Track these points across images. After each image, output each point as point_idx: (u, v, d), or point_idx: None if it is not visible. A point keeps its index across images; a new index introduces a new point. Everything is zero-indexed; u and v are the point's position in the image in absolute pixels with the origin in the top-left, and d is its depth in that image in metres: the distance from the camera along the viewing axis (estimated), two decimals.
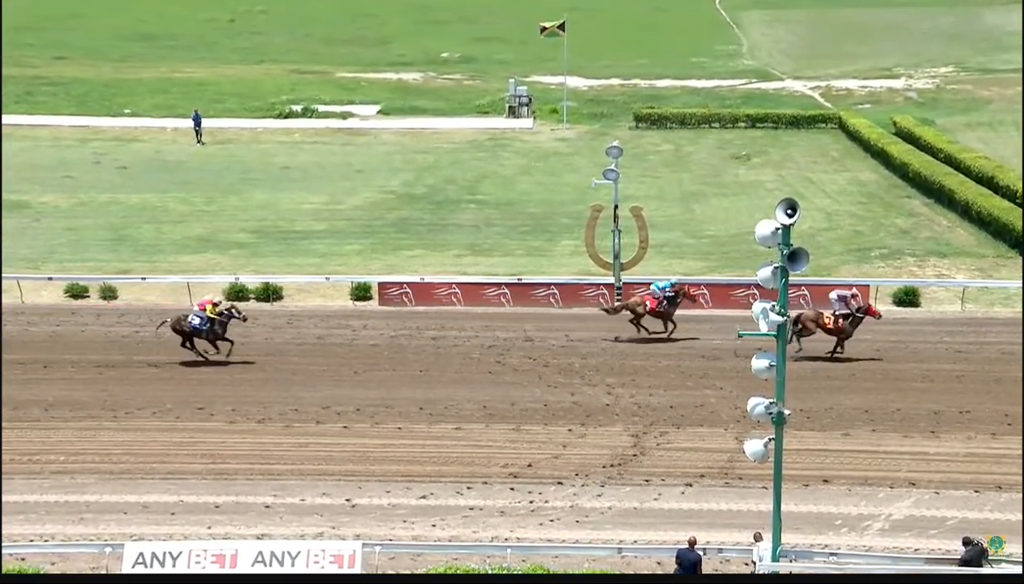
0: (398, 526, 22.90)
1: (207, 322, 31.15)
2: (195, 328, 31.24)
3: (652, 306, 32.90)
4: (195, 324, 31.19)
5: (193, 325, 31.21)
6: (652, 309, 32.91)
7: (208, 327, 31.21)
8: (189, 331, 31.26)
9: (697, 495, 24.04)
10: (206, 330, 31.23)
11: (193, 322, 31.20)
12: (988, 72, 77.96)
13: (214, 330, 31.27)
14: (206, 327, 31.20)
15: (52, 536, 22.47)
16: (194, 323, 31.19)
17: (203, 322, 31.15)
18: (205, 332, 31.26)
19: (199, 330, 31.24)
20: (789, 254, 17.94)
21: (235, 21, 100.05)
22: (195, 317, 31.23)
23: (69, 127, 64.23)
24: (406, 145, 61.15)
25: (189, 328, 31.25)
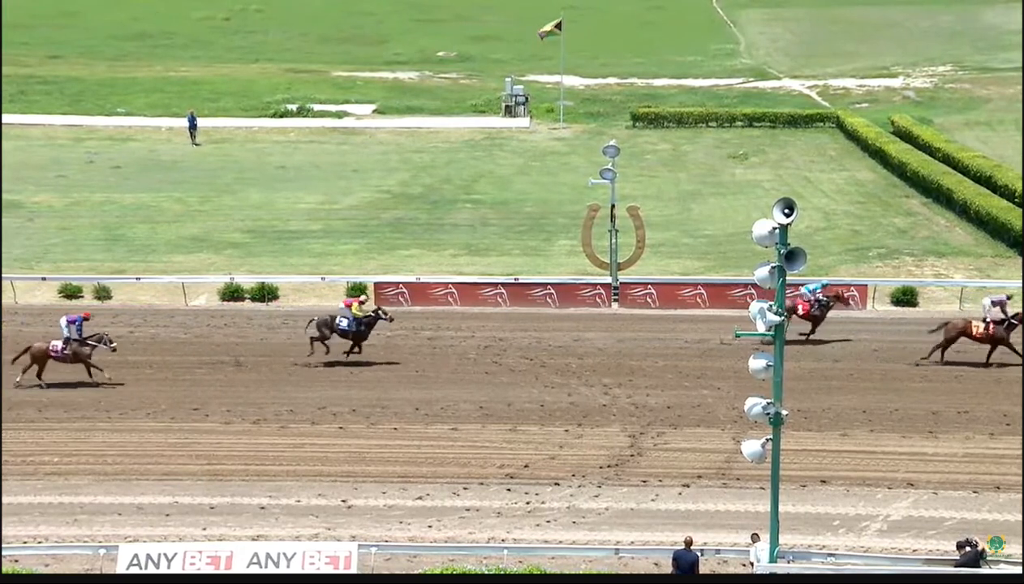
0: (394, 527, 22.81)
1: (354, 323, 30.68)
2: (343, 330, 30.76)
3: (805, 310, 32.26)
4: (343, 326, 30.71)
5: (341, 327, 30.73)
6: (806, 313, 32.27)
7: (355, 328, 30.72)
8: (338, 332, 30.70)
9: (694, 496, 23.96)
10: (353, 331, 30.75)
11: (341, 324, 30.71)
12: (986, 71, 77.91)
13: (360, 331, 30.77)
14: (353, 328, 30.71)
15: (46, 538, 22.37)
16: (342, 325, 30.70)
17: (351, 323, 30.68)
18: (351, 333, 30.79)
19: (346, 332, 30.77)
20: (786, 254, 17.87)
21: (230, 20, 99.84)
22: (343, 319, 30.72)
23: (63, 126, 64.02)
24: (402, 144, 61.04)
25: (338, 330, 30.75)
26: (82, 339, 29.43)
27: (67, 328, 29.45)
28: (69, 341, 29.36)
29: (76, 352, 29.35)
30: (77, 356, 29.38)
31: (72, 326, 29.43)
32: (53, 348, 29.36)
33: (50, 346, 29.41)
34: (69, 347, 29.34)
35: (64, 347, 29.35)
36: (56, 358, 29.36)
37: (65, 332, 29.45)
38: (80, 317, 29.77)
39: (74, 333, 29.39)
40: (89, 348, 29.44)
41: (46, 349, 29.39)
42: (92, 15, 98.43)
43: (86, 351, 29.40)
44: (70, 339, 29.36)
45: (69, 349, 29.33)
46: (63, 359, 29.38)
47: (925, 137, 55.75)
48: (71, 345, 29.34)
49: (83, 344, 29.40)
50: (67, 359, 29.40)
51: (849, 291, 34.15)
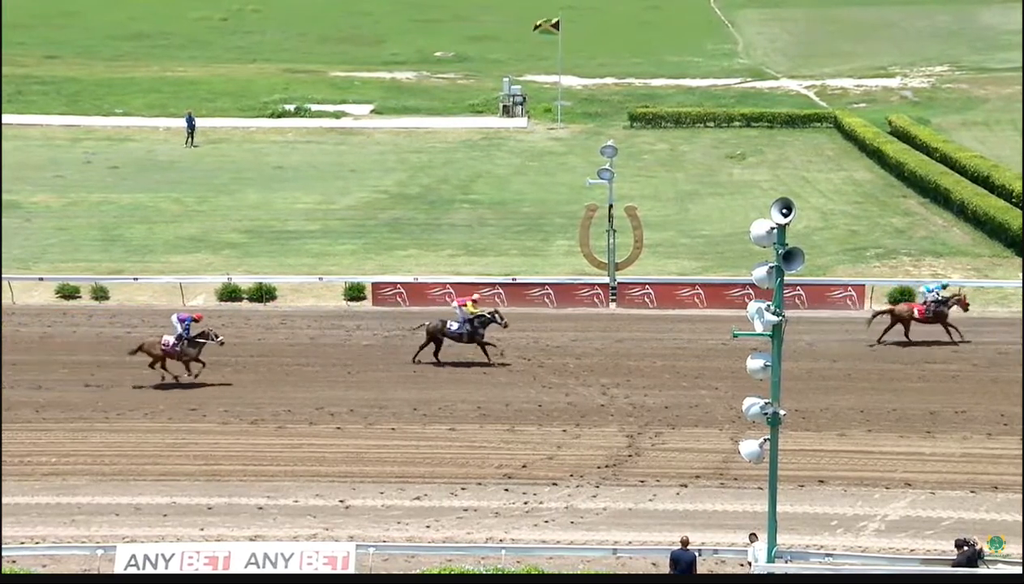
0: (392, 527, 22.80)
1: (465, 323, 30.57)
2: (454, 333, 30.65)
3: (920, 313, 32.14)
4: (453, 330, 30.63)
5: (452, 331, 30.65)
6: (921, 316, 32.13)
7: (467, 330, 30.58)
8: (450, 336, 30.62)
9: (692, 496, 23.96)
10: (465, 333, 30.63)
11: (452, 327, 30.63)
12: (984, 71, 77.95)
13: (472, 332, 30.61)
14: (465, 330, 30.61)
15: (44, 538, 22.35)
16: (452, 328, 30.62)
17: (462, 325, 30.58)
18: (464, 336, 30.68)
19: (459, 335, 30.67)
20: (784, 254, 17.86)
21: (228, 20, 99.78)
22: (453, 322, 30.64)
23: (60, 126, 63.96)
24: (400, 144, 61.01)
25: (449, 334, 30.67)
26: (190, 337, 29.55)
27: (179, 325, 29.57)
28: (181, 338, 29.48)
29: (184, 350, 29.55)
30: (184, 354, 29.58)
31: (182, 324, 29.57)
32: (165, 343, 29.52)
33: (162, 341, 29.58)
34: (179, 344, 29.49)
35: (176, 343, 29.52)
36: (167, 354, 29.54)
37: (177, 329, 29.56)
38: (190, 317, 29.87)
39: (184, 332, 29.52)
40: (196, 348, 29.59)
41: (159, 344, 29.55)
42: (90, 15, 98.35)
43: (192, 351, 29.56)
44: (182, 336, 29.48)
45: (179, 346, 29.49)
46: (172, 355, 29.57)
47: (923, 137, 55.76)
48: (181, 343, 29.50)
49: (192, 343, 29.56)
50: (175, 356, 29.58)
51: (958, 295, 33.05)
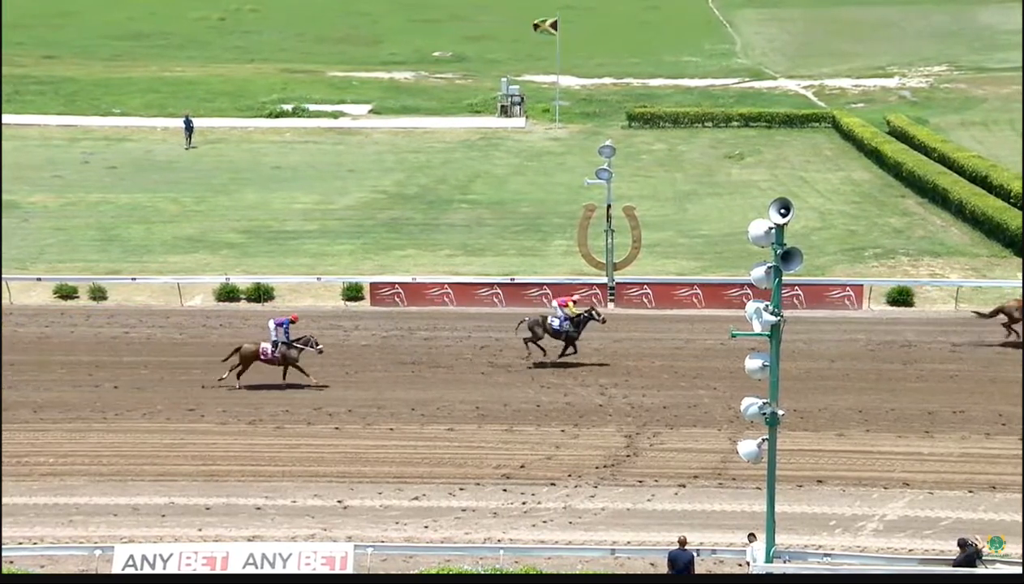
0: (390, 528, 22.79)
1: (566, 322, 30.47)
2: (556, 330, 30.54)
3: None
4: (555, 326, 30.52)
5: (554, 327, 30.54)
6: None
7: (568, 328, 30.47)
8: (550, 333, 30.53)
9: (691, 496, 23.95)
10: (565, 331, 30.52)
11: (553, 324, 30.54)
12: (982, 71, 77.99)
13: (572, 331, 30.48)
14: (565, 328, 30.49)
15: (42, 539, 22.33)
16: (554, 325, 30.52)
17: (563, 323, 30.49)
18: (564, 334, 30.57)
19: (559, 332, 30.57)
20: (782, 254, 17.85)
21: (226, 20, 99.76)
22: (555, 319, 30.55)
23: (58, 126, 63.91)
24: (398, 144, 60.99)
25: (551, 330, 30.57)
26: (289, 342, 29.29)
27: (275, 331, 29.30)
28: (278, 344, 29.23)
29: (284, 355, 29.24)
30: (285, 358, 29.29)
31: (280, 329, 29.28)
32: (263, 350, 29.24)
33: (260, 348, 29.29)
34: (278, 349, 29.22)
35: (273, 349, 29.23)
36: (264, 360, 29.27)
37: (273, 335, 29.32)
38: (287, 320, 29.59)
39: (281, 336, 29.22)
40: (296, 351, 29.31)
41: (256, 351, 29.28)
42: (87, 15, 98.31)
43: (294, 354, 29.28)
44: (279, 341, 29.23)
45: (278, 352, 29.22)
46: (271, 361, 29.29)
47: (921, 137, 55.76)
48: (279, 348, 29.22)
49: (291, 347, 29.27)
50: (275, 361, 29.31)
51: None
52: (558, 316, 30.72)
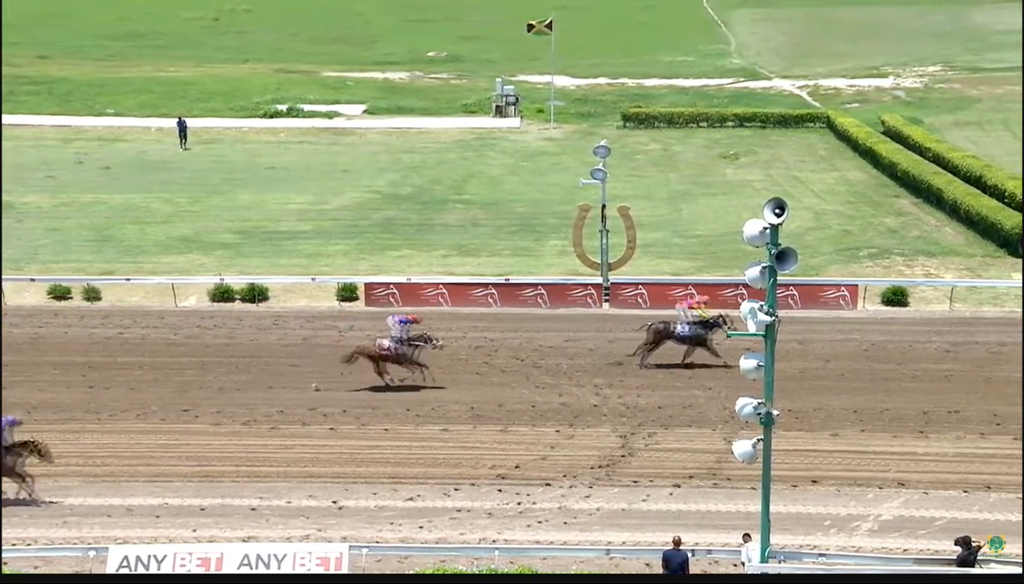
0: (385, 528, 22.75)
1: (693, 326, 30.38)
2: (681, 336, 30.48)
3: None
4: (682, 332, 30.46)
5: (679, 333, 30.48)
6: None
7: (693, 333, 30.37)
8: (675, 338, 30.46)
9: (686, 496, 23.94)
10: (692, 336, 30.43)
11: (680, 330, 30.47)
12: (977, 71, 78.12)
13: (700, 335, 30.38)
14: (692, 332, 30.40)
15: (35, 540, 22.25)
16: (681, 331, 30.46)
17: (688, 328, 30.40)
18: (691, 338, 30.48)
19: (685, 337, 30.50)
20: (777, 254, 17.86)
21: (219, 20, 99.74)
22: (682, 324, 30.50)
23: (51, 127, 63.86)
24: (392, 145, 60.97)
25: (676, 336, 30.50)
26: (408, 339, 29.19)
27: (395, 327, 29.21)
28: (398, 341, 29.14)
29: (402, 353, 29.17)
30: (403, 356, 29.22)
31: (401, 326, 29.17)
32: (380, 346, 29.19)
33: (376, 344, 29.24)
34: (398, 347, 29.14)
35: (394, 347, 29.17)
36: (384, 357, 29.20)
37: (393, 331, 29.24)
38: (407, 318, 29.47)
39: (403, 333, 29.12)
40: (415, 349, 29.19)
41: (376, 348, 29.23)
42: (81, 15, 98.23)
43: (412, 352, 29.18)
44: (398, 338, 29.13)
45: (398, 349, 29.13)
46: (388, 358, 29.21)
47: (915, 137, 55.82)
48: (399, 345, 29.14)
49: (409, 344, 29.19)
50: (393, 359, 29.22)
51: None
52: (685, 320, 30.57)
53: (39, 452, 23.50)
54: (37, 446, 23.53)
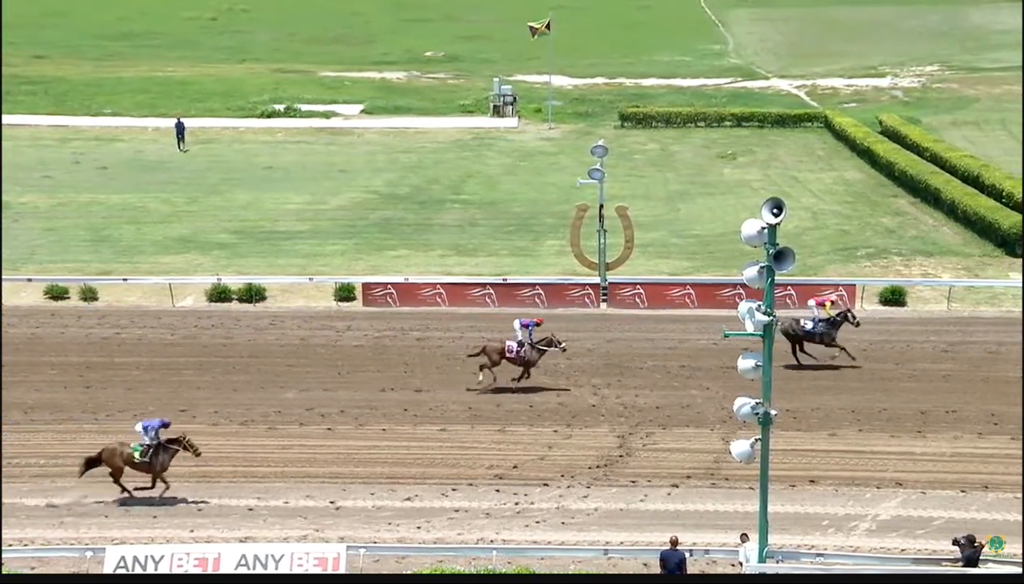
0: (383, 528, 22.74)
1: (819, 324, 30.23)
2: (808, 332, 30.34)
3: None
4: (808, 328, 30.35)
5: (806, 329, 30.37)
6: None
7: (821, 329, 30.21)
8: (801, 335, 30.35)
9: (683, 496, 23.93)
10: (819, 333, 30.25)
11: (806, 326, 30.39)
12: (974, 70, 78.11)
13: (826, 333, 30.23)
14: (819, 329, 30.23)
15: (32, 540, 22.24)
16: (807, 327, 30.36)
17: (815, 325, 30.27)
18: (817, 336, 30.29)
19: (812, 333, 30.36)
20: (775, 253, 17.85)
21: (217, 20, 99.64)
22: (808, 320, 30.41)
23: (48, 126, 63.72)
24: (390, 145, 60.91)
25: (801, 332, 30.38)
26: (533, 343, 29.10)
27: (521, 331, 29.11)
28: (523, 344, 29.04)
29: (527, 356, 29.07)
30: (527, 360, 29.10)
31: (525, 330, 29.09)
32: (508, 348, 29.09)
33: (505, 346, 29.13)
34: (522, 350, 29.04)
35: (519, 349, 29.05)
36: (509, 359, 29.10)
37: (519, 335, 29.14)
38: (532, 322, 29.41)
39: (527, 337, 29.05)
40: (539, 353, 29.11)
41: (502, 349, 29.12)
42: (78, 15, 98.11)
43: (535, 356, 29.09)
44: (523, 342, 29.04)
45: (522, 352, 29.03)
46: (514, 360, 29.11)
47: (913, 137, 55.81)
48: (524, 348, 29.05)
49: (534, 348, 29.09)
50: (517, 361, 29.13)
51: None
52: (811, 318, 30.47)
53: (192, 449, 23.83)
54: (189, 443, 23.88)
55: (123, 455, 23.74)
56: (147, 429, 23.90)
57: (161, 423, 24.12)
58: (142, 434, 23.89)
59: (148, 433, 23.85)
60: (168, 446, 23.82)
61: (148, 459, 23.70)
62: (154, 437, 23.81)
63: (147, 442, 23.75)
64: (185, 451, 23.80)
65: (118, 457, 23.74)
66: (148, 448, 23.73)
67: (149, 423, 24.08)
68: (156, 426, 23.99)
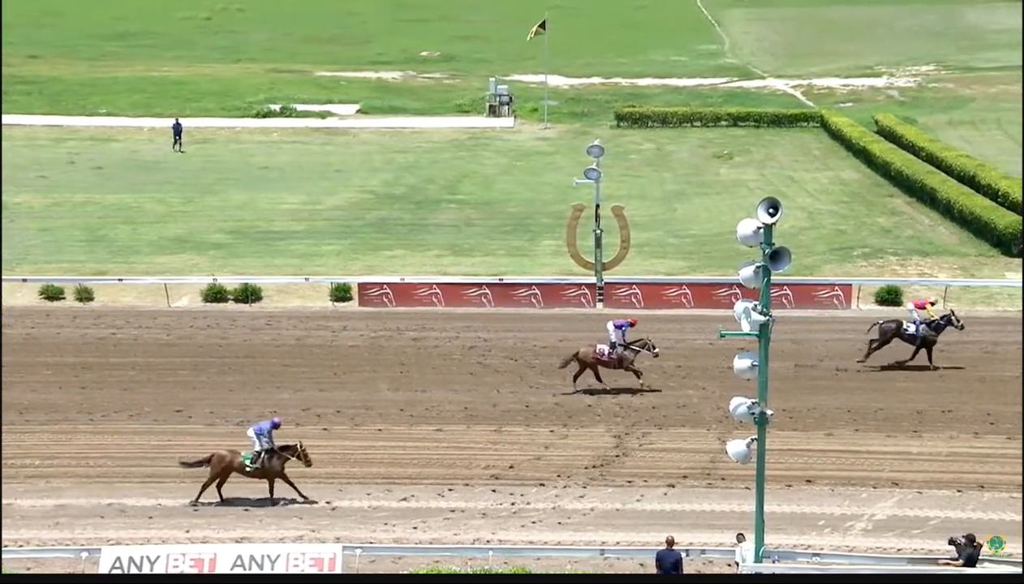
0: (379, 529, 22.71)
1: (922, 326, 30.09)
2: (911, 335, 30.19)
3: None
4: (911, 331, 30.18)
5: (909, 332, 30.21)
6: None
7: (924, 333, 30.05)
8: (904, 339, 30.24)
9: (680, 496, 23.92)
10: (920, 336, 30.12)
11: (909, 329, 30.23)
12: (970, 70, 78.16)
13: (928, 336, 30.08)
14: (921, 333, 30.09)
15: (27, 541, 22.18)
16: (910, 329, 30.20)
17: (918, 327, 30.13)
18: (919, 339, 30.17)
19: (915, 336, 30.18)
20: (771, 253, 17.85)
21: (212, 19, 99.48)
22: (911, 324, 30.24)
23: (43, 126, 63.62)
24: (386, 144, 60.87)
25: (904, 336, 30.28)
26: (626, 344, 29.00)
27: (615, 332, 29.06)
28: (615, 346, 28.97)
29: (621, 357, 28.99)
30: (621, 361, 29.02)
31: (619, 331, 29.03)
32: (600, 352, 29.04)
33: (596, 350, 29.08)
34: (615, 352, 28.97)
35: (610, 352, 28.99)
36: (601, 362, 29.04)
37: (612, 337, 29.07)
38: (626, 323, 29.33)
39: (619, 338, 28.96)
40: (632, 353, 29.00)
41: (594, 354, 29.08)
42: (73, 14, 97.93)
43: (630, 357, 29.00)
44: (616, 344, 28.97)
45: (615, 354, 28.96)
46: (607, 363, 29.05)
47: (909, 136, 55.83)
48: (616, 350, 28.97)
49: (627, 349, 28.98)
50: (611, 364, 29.07)
51: None
52: (914, 320, 30.32)
53: (305, 458, 23.69)
54: (303, 453, 23.72)
55: (233, 464, 23.51)
56: (259, 434, 23.59)
57: (272, 425, 23.84)
58: (254, 440, 23.61)
59: (260, 439, 23.57)
60: (281, 453, 23.55)
61: (260, 466, 23.46)
62: (267, 441, 23.55)
63: (258, 449, 23.48)
64: (298, 461, 23.54)
65: (227, 466, 23.49)
66: (259, 455, 23.48)
67: (260, 427, 23.79)
68: (267, 429, 23.68)
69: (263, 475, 23.59)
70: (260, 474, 23.59)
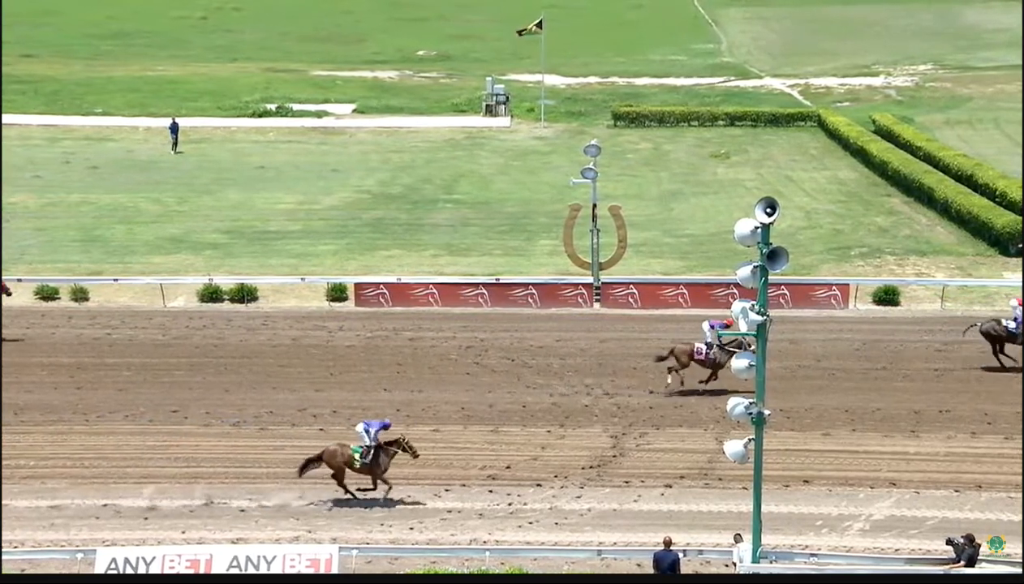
0: (375, 529, 22.66)
1: (1021, 324, 29.72)
2: (1011, 332, 29.97)
3: None
4: (1011, 328, 29.96)
5: (1009, 330, 29.98)
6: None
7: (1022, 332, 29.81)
8: (1004, 336, 29.94)
9: (677, 496, 23.88)
10: (1020, 334, 29.85)
11: (1009, 326, 29.98)
12: (967, 69, 78.21)
13: (1015, 333, 29.85)
14: (1021, 329, 29.83)
15: (22, 542, 22.12)
16: (1010, 327, 29.96)
17: (1019, 324, 29.81)
18: (1021, 336, 29.87)
19: (1014, 335, 29.97)
20: (768, 253, 17.81)
21: (208, 19, 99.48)
22: (1010, 321, 29.96)
23: (38, 126, 63.49)
24: (382, 144, 60.80)
25: (1004, 333, 30.00)
26: (722, 345, 28.71)
27: (710, 333, 28.79)
28: (712, 345, 28.73)
29: (716, 357, 28.75)
30: (715, 362, 28.78)
31: (713, 331, 28.76)
32: (697, 350, 28.83)
33: (694, 348, 28.88)
34: (712, 351, 28.71)
35: (708, 351, 28.74)
36: (698, 361, 28.84)
37: (708, 336, 28.85)
38: (722, 323, 28.95)
39: (715, 339, 28.68)
40: (728, 355, 28.47)
41: (690, 351, 28.86)
42: (68, 14, 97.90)
43: (724, 358, 28.59)
44: (712, 343, 28.70)
45: (712, 353, 28.70)
46: (702, 363, 28.85)
47: (906, 136, 55.81)
48: (713, 350, 28.71)
49: (723, 349, 28.70)
50: (706, 363, 28.84)
51: None
52: (1014, 317, 30.04)
53: (411, 450, 23.76)
54: (408, 445, 23.80)
55: (344, 457, 23.51)
56: (368, 430, 23.64)
57: (382, 425, 23.86)
58: (363, 436, 23.65)
59: (369, 435, 23.58)
60: (387, 448, 23.59)
61: (368, 462, 23.49)
62: (374, 438, 23.56)
63: (368, 444, 23.52)
64: (404, 453, 23.60)
65: (339, 458, 23.51)
66: (368, 450, 23.49)
67: (371, 424, 23.82)
68: (377, 428, 23.72)
69: (369, 472, 23.64)
70: (367, 470, 23.63)
